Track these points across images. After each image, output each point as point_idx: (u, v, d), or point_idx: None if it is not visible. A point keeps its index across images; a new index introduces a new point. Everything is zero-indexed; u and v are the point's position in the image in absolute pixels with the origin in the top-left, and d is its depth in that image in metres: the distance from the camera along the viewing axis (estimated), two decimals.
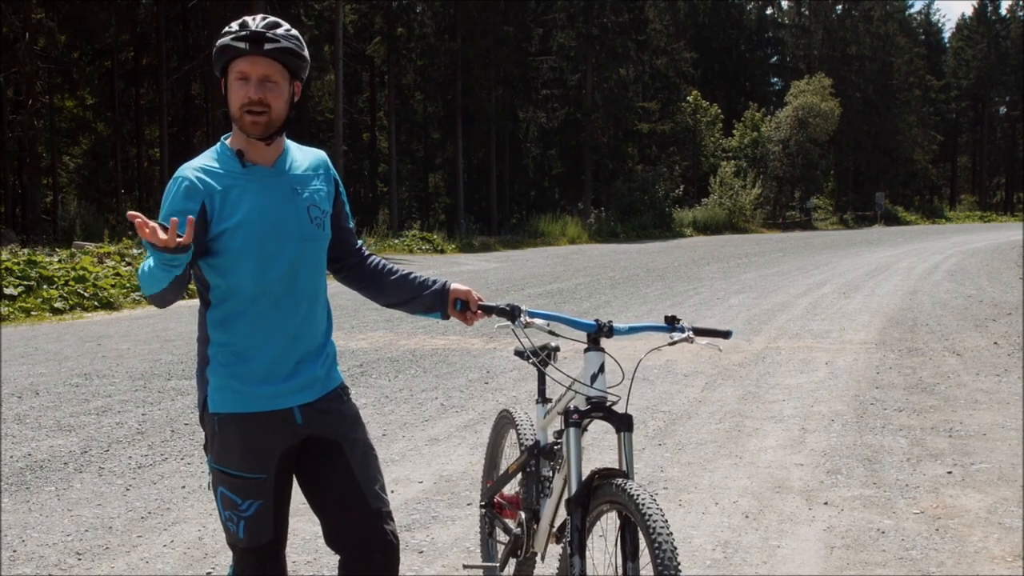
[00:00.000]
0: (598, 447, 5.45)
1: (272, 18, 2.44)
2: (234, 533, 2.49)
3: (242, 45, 2.38)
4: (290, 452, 2.51)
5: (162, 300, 2.38)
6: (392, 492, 4.73)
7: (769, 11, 63.87)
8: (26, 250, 16.70)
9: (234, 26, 2.42)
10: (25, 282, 13.34)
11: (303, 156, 2.60)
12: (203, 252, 2.41)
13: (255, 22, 2.40)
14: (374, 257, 2.77)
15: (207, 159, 2.48)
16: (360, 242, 2.78)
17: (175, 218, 2.18)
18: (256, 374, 2.45)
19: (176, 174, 2.45)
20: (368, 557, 2.50)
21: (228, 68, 2.43)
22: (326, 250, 2.60)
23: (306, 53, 2.49)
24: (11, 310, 12.53)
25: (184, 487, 4.97)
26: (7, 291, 12.89)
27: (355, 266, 2.74)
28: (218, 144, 2.53)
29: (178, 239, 2.17)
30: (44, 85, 30.48)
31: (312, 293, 2.54)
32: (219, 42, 2.43)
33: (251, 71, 2.39)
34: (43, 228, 26.51)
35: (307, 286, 2.52)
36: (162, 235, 2.15)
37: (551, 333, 2.71)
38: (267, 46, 2.38)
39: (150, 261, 2.27)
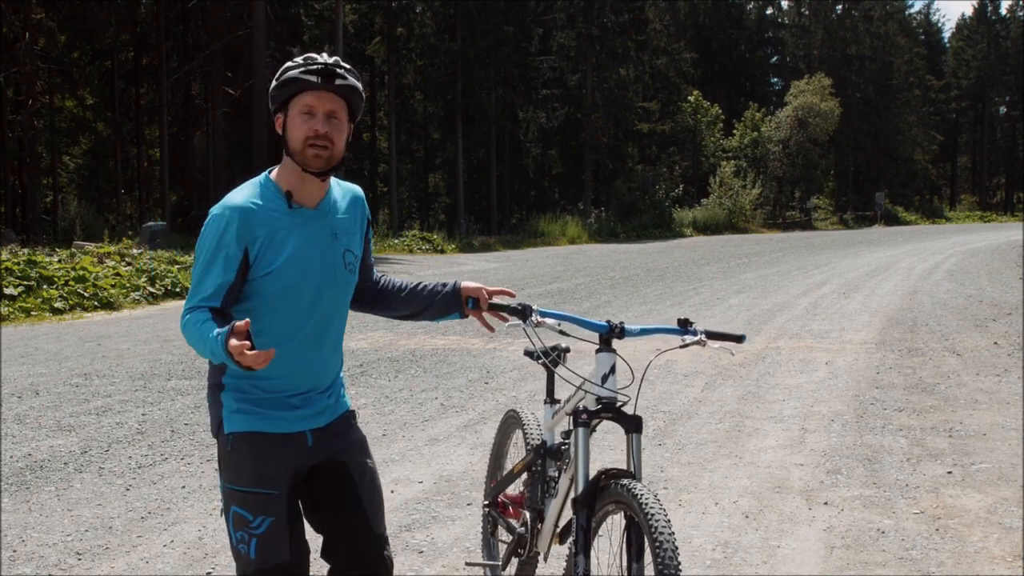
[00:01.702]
0: (598, 447, 5.45)
1: (336, 57, 2.41)
2: (245, 555, 2.39)
3: (313, 79, 2.34)
4: (300, 475, 2.49)
5: None
6: (392, 492, 4.74)
7: (769, 11, 63.89)
8: (26, 250, 16.68)
9: (299, 60, 2.38)
10: (25, 282, 13.34)
11: (341, 194, 2.55)
12: (237, 297, 2.37)
13: (323, 57, 2.37)
14: (383, 278, 2.76)
15: (252, 194, 2.40)
16: (377, 274, 2.76)
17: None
18: (270, 403, 2.44)
19: (221, 208, 2.37)
20: None
21: (290, 102, 2.37)
22: (352, 293, 2.59)
23: (363, 95, 2.46)
24: (11, 310, 12.53)
25: (184, 487, 4.97)
26: (7, 291, 12.89)
27: (367, 291, 2.73)
28: (262, 177, 2.46)
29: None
30: (44, 85, 30.48)
31: (336, 336, 2.54)
32: (285, 75, 2.37)
33: (318, 106, 2.35)
34: (43, 228, 26.50)
35: (333, 329, 2.52)
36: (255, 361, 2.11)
37: (562, 333, 2.70)
38: (337, 81, 2.35)
39: (206, 337, 2.20)
